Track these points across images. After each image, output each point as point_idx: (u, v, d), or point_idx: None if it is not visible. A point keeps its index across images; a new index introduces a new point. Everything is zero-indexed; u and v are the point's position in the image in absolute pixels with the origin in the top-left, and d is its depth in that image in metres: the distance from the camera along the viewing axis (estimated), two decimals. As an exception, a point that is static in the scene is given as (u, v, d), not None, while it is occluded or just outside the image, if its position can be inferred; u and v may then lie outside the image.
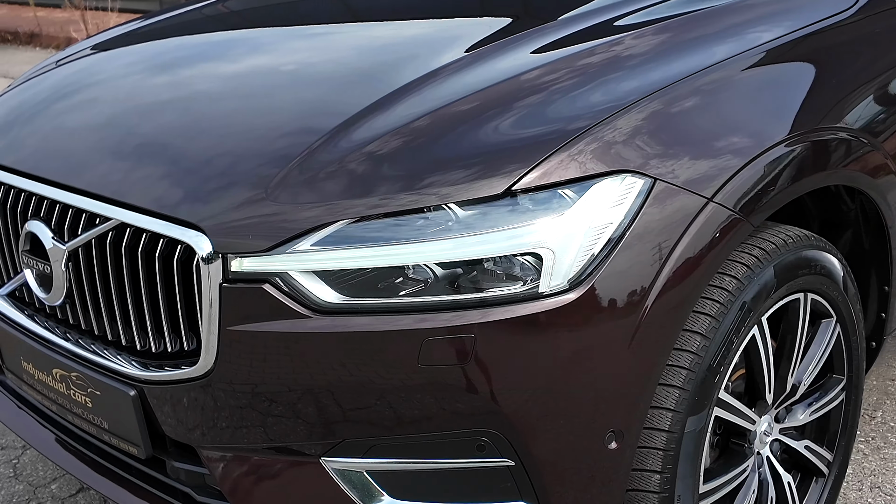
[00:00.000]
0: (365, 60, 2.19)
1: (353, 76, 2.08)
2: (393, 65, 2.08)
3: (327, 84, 2.08)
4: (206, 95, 2.13)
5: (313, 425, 1.70)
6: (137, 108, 2.13)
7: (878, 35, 2.27)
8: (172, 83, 2.24)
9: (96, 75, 2.42)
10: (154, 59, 2.49)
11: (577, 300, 1.62)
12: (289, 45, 2.48)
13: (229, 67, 2.30)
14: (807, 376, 2.11)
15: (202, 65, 2.37)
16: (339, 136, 1.76)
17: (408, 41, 2.34)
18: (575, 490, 1.72)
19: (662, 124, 1.79)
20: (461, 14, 2.60)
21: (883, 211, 2.19)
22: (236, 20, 2.84)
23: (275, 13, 2.85)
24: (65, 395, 2.01)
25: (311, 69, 2.19)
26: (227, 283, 1.66)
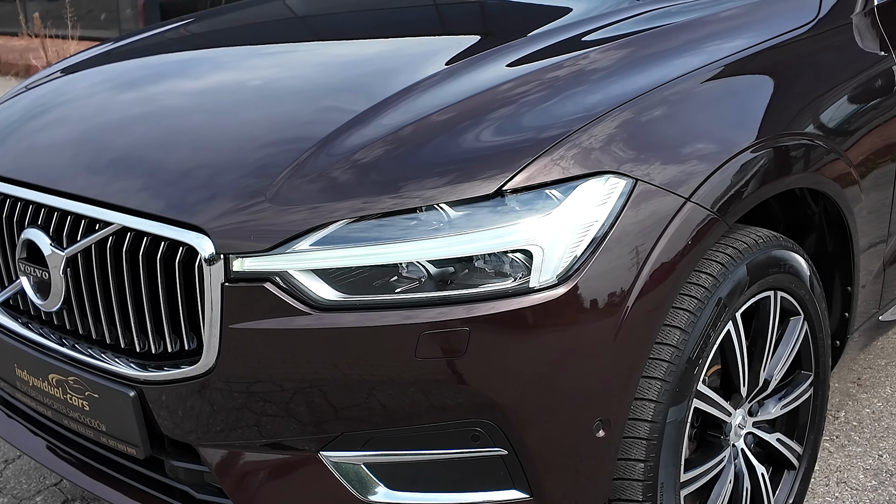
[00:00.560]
0: (352, 73, 2.27)
1: (342, 88, 2.17)
2: (379, 77, 2.17)
3: (319, 95, 2.16)
4: (205, 106, 2.20)
5: (312, 419, 1.76)
6: (135, 117, 2.19)
7: (833, 49, 2.39)
8: (168, 93, 2.32)
9: (88, 88, 2.48)
10: (148, 70, 2.56)
11: (565, 294, 1.71)
12: (280, 60, 2.56)
13: (226, 80, 2.37)
14: (777, 371, 2.21)
15: (199, 77, 2.45)
16: (334, 142, 1.84)
17: (391, 56, 2.43)
18: (565, 477, 1.80)
19: (640, 130, 1.88)
20: (434, 33, 2.70)
21: (845, 214, 2.30)
22: (221, 39, 2.91)
23: (260, 34, 2.92)
24: (61, 399, 2.05)
25: (303, 82, 2.27)
26: (229, 283, 1.72)
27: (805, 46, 2.34)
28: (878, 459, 2.80)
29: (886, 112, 2.43)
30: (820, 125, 2.23)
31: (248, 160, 1.87)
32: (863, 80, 2.41)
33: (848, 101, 2.36)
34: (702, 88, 2.05)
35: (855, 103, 2.34)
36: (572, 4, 2.64)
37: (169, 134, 2.08)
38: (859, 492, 2.65)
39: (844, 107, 2.34)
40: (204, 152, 1.94)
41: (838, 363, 2.55)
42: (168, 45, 2.86)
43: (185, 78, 2.46)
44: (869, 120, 2.39)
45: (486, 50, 2.22)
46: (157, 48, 2.82)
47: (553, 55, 2.13)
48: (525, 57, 2.15)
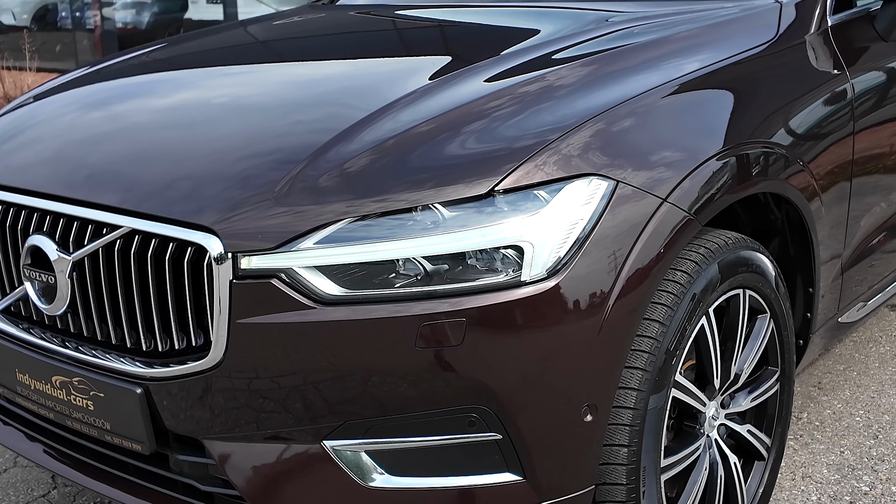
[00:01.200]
0: (347, 87, 2.40)
1: (338, 100, 2.29)
2: (371, 90, 2.30)
3: (316, 106, 2.27)
4: (206, 117, 2.31)
5: (316, 409, 1.85)
6: (139, 127, 2.29)
7: (791, 66, 2.55)
8: (170, 106, 2.42)
9: (87, 101, 2.58)
10: (147, 84, 2.67)
11: (555, 287, 1.83)
12: (274, 78, 2.69)
13: (223, 95, 2.48)
14: (747, 365, 2.34)
15: (197, 91, 2.55)
16: (335, 147, 1.95)
17: (377, 73, 2.56)
18: (555, 460, 1.91)
19: (618, 137, 2.02)
20: (412, 53, 2.83)
21: (806, 218, 2.45)
22: (211, 58, 3.02)
23: (249, 54, 3.03)
24: (64, 401, 2.12)
25: (299, 95, 2.39)
26: (237, 280, 1.82)
27: (767, 62, 2.49)
28: (840, 455, 2.95)
29: (839, 121, 2.59)
30: (782, 135, 2.38)
31: (252, 165, 1.97)
32: (818, 96, 2.57)
33: (805, 114, 2.51)
34: (672, 100, 2.19)
35: (811, 116, 2.50)
36: (540, 27, 2.78)
37: (174, 142, 2.18)
38: (823, 485, 2.79)
39: (803, 119, 2.50)
40: (210, 159, 2.05)
41: (801, 363, 2.69)
42: (160, 64, 2.96)
43: (184, 91, 2.57)
44: (825, 132, 2.55)
45: (463, 67, 2.34)
46: (150, 66, 2.92)
47: (527, 71, 2.26)
48: (501, 73, 2.27)
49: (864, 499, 2.72)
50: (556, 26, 2.74)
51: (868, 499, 2.72)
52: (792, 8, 2.65)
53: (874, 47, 2.84)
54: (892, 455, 2.94)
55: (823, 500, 2.72)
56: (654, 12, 2.68)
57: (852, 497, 2.73)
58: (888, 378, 3.46)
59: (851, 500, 2.71)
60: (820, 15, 2.68)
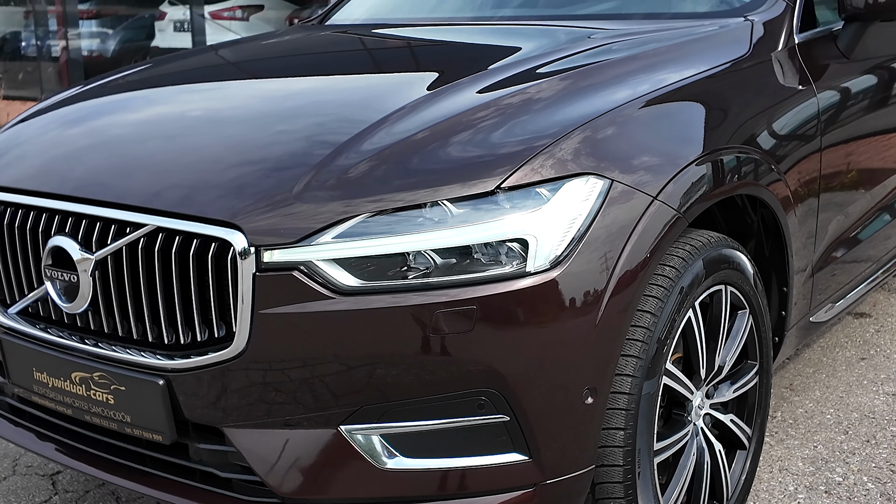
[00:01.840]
0: (354, 96, 2.55)
1: (348, 106, 2.42)
2: (376, 98, 2.43)
3: (330, 111, 2.41)
4: (226, 119, 2.44)
5: (334, 395, 1.97)
6: (157, 131, 2.41)
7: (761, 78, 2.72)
8: (187, 111, 2.54)
9: (99, 108, 2.69)
10: (162, 92, 2.78)
11: (557, 277, 1.96)
12: (287, 87, 2.83)
13: (236, 100, 2.60)
14: (729, 358, 2.49)
15: (211, 97, 2.68)
16: (351, 148, 2.07)
17: (381, 85, 2.71)
18: (559, 441, 2.03)
19: (611, 141, 2.16)
20: (404, 70, 2.96)
21: (781, 221, 2.61)
22: (219, 69, 3.15)
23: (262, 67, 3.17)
24: (84, 396, 2.21)
25: (309, 102, 2.52)
26: (260, 273, 1.93)
27: (742, 74, 2.66)
28: (814, 450, 3.10)
29: (809, 129, 2.77)
30: (756, 142, 2.54)
31: (272, 166, 2.10)
32: (788, 107, 2.74)
33: (777, 122, 2.68)
34: (657, 108, 2.34)
35: (782, 125, 2.67)
36: (520, 45, 2.94)
37: (194, 146, 2.29)
38: (800, 476, 2.94)
39: (775, 127, 2.66)
40: (230, 161, 2.16)
41: (777, 359, 2.85)
42: (168, 77, 3.08)
43: (197, 100, 2.69)
44: (795, 139, 2.72)
45: (458, 80, 2.47)
46: (158, 78, 3.03)
47: (517, 83, 2.39)
48: (492, 85, 2.41)
49: (838, 488, 2.87)
50: (535, 44, 2.90)
51: (842, 488, 2.87)
52: (761, 26, 2.82)
53: (837, 64, 3.03)
54: (862, 448, 3.10)
55: (800, 490, 2.86)
56: (634, 30, 2.84)
57: (827, 486, 2.88)
58: (855, 379, 3.63)
59: (826, 490, 2.86)
60: (787, 33, 2.86)
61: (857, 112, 3.10)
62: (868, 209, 3.24)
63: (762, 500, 2.81)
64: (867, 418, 3.32)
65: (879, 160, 3.30)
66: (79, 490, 3.04)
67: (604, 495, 2.17)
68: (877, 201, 3.31)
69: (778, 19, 2.86)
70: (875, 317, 4.29)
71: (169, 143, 2.33)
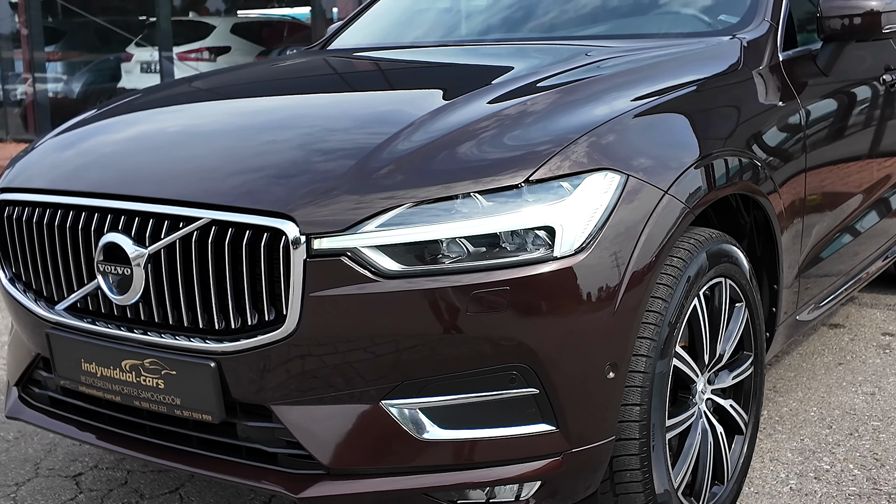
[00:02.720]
0: (386, 103, 2.75)
1: (381, 111, 2.62)
2: (403, 106, 2.63)
3: (365, 115, 2.61)
4: (264, 122, 2.61)
5: (377, 371, 2.13)
6: (204, 133, 2.60)
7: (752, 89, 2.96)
8: (223, 116, 2.75)
9: (142, 116, 2.86)
10: (203, 102, 2.95)
11: (581, 262, 2.15)
12: (323, 98, 3.03)
13: (282, 105, 2.80)
14: (728, 347, 2.68)
15: (256, 102, 2.87)
16: (390, 145, 2.26)
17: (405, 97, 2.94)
18: (583, 413, 2.21)
19: (625, 141, 2.37)
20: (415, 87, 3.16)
21: (773, 221, 2.83)
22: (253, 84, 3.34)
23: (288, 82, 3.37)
24: (133, 383, 2.36)
25: (346, 107, 2.74)
26: (310, 259, 2.10)
27: (735, 87, 2.90)
28: (801, 442, 3.30)
29: (795, 135, 3.01)
30: (750, 146, 2.77)
31: (318, 162, 2.28)
32: (776, 115, 2.98)
33: (767, 129, 2.91)
34: (664, 113, 2.55)
35: (771, 131, 2.90)
36: (525, 61, 3.15)
37: (242, 146, 2.46)
38: (790, 465, 3.13)
39: (766, 133, 2.90)
40: (279, 159, 2.33)
41: (769, 353, 3.05)
42: (203, 92, 3.26)
43: (239, 107, 2.88)
44: (783, 144, 2.95)
45: (466, 93, 2.65)
46: (196, 92, 3.22)
47: (529, 93, 2.59)
48: (500, 96, 2.59)
49: (826, 475, 3.07)
50: (529, 63, 3.10)
51: (830, 474, 3.07)
52: (748, 44, 3.06)
53: (817, 79, 3.28)
54: (846, 441, 3.30)
55: (791, 476, 3.06)
56: (635, 47, 3.06)
57: (816, 473, 3.07)
58: (834, 381, 3.85)
59: (816, 476, 3.06)
60: (771, 50, 3.11)
61: (837, 122, 3.35)
62: (846, 215, 3.48)
63: (756, 486, 2.99)
64: (849, 414, 3.53)
65: (857, 167, 3.56)
66: (102, 489, 3.16)
67: (621, 467, 2.34)
68: (853, 209, 3.56)
69: (763, 38, 3.10)
70: (849, 327, 4.53)
71: (213, 146, 2.50)
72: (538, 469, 2.20)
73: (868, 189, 3.69)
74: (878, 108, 3.74)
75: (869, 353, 4.16)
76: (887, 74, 3.84)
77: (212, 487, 3.13)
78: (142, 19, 14.78)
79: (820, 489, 2.97)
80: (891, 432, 3.37)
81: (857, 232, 3.63)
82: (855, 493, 2.95)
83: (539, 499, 2.24)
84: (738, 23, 3.21)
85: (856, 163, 3.54)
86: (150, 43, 13.77)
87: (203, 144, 2.54)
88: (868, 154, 3.64)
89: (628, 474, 2.35)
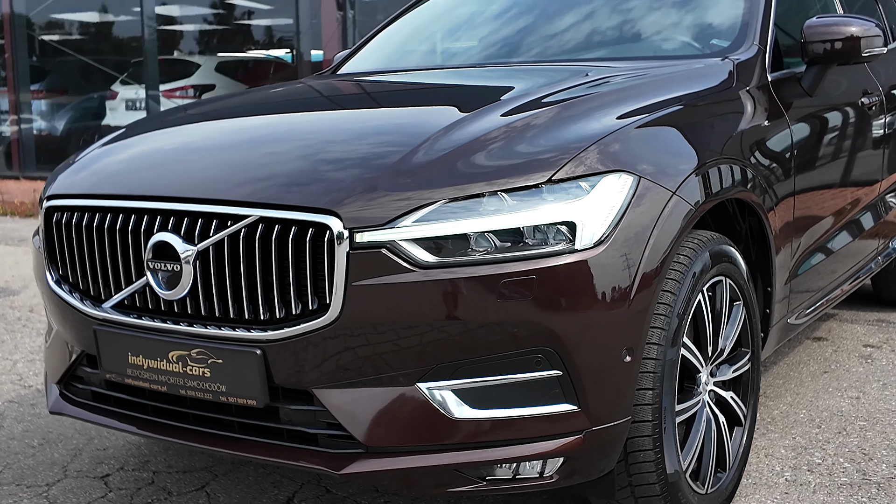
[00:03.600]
0: (407, 115, 2.95)
1: (405, 122, 2.85)
2: (426, 118, 2.85)
3: (394, 124, 2.83)
4: (301, 130, 2.83)
5: (414, 354, 2.32)
6: (248, 140, 2.79)
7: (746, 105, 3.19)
8: (261, 126, 2.97)
9: (185, 127, 3.06)
10: (229, 115, 3.18)
11: (599, 254, 2.36)
12: (354, 110, 3.28)
13: (318, 114, 3.00)
14: (728, 342, 2.89)
15: (281, 115, 3.08)
16: (421, 150, 2.46)
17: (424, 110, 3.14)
18: (602, 393, 2.40)
19: (637, 147, 2.58)
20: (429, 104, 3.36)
21: (767, 226, 3.05)
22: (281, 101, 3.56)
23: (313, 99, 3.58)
24: (180, 373, 2.52)
25: (376, 118, 2.97)
26: (353, 251, 2.29)
27: (731, 103, 3.14)
28: (794, 440, 3.50)
29: (784, 147, 3.24)
30: (746, 155, 3.00)
31: (358, 164, 2.48)
32: (768, 129, 3.22)
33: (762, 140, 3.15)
34: (668, 123, 2.77)
35: (764, 142, 3.14)
36: (513, 84, 3.37)
37: (279, 150, 2.67)
38: (783, 460, 3.33)
39: (761, 143, 3.13)
40: (320, 161, 2.53)
41: (764, 352, 3.26)
42: (238, 108, 3.47)
43: (267, 120, 3.10)
44: (775, 156, 3.18)
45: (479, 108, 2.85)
46: (232, 106, 3.43)
47: (534, 108, 2.79)
48: (511, 110, 2.79)
49: (818, 467, 3.26)
50: (527, 84, 3.32)
51: (822, 467, 3.27)
52: (739, 65, 3.31)
53: (803, 99, 3.53)
54: (835, 438, 3.51)
55: (786, 469, 3.25)
56: (635, 66, 3.30)
57: (809, 466, 3.27)
58: (821, 387, 4.06)
59: (809, 469, 3.25)
60: (761, 71, 3.36)
61: (821, 135, 3.60)
62: (831, 225, 3.73)
63: (754, 479, 3.19)
64: (836, 416, 3.73)
65: (841, 175, 3.83)
66: (131, 487, 3.30)
67: (635, 448, 2.53)
68: (840, 217, 3.81)
69: (752, 59, 3.34)
70: (831, 340, 4.75)
71: (256, 151, 2.69)
72: (561, 446, 2.38)
73: (851, 203, 3.93)
74: (857, 125, 4.01)
75: (852, 363, 4.38)
76: (865, 98, 4.10)
77: (237, 484, 3.29)
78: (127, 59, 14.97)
79: (813, 480, 3.17)
80: (877, 430, 3.57)
81: (842, 243, 3.87)
82: (846, 482, 3.15)
83: (561, 475, 2.42)
84: (728, 46, 3.45)
85: (841, 173, 3.81)
86: (135, 81, 13.95)
87: (246, 150, 2.73)
88: (850, 167, 3.91)
89: (642, 454, 2.53)
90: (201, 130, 3.08)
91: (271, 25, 15.67)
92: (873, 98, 4.20)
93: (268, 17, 15.70)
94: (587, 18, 3.92)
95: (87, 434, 3.79)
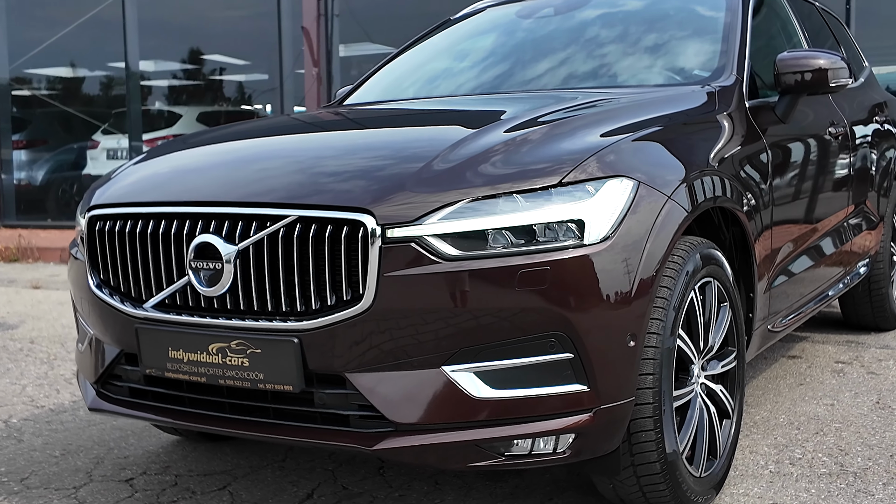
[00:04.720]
0: (422, 132, 3.24)
1: (422, 136, 3.14)
2: (440, 133, 3.15)
3: (414, 137, 3.13)
4: (327, 143, 3.12)
5: (439, 339, 2.56)
6: (275, 151, 3.08)
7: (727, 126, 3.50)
8: (290, 140, 3.24)
9: (223, 139, 3.33)
10: (258, 134, 3.46)
11: (606, 248, 2.62)
12: (378, 130, 3.55)
13: (343, 136, 3.28)
14: (717, 339, 3.16)
15: (307, 134, 3.35)
16: (441, 157, 2.72)
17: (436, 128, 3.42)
18: (610, 374, 2.65)
19: (634, 156, 2.87)
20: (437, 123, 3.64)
21: (749, 234, 3.34)
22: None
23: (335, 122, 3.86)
24: (219, 364, 2.74)
25: (396, 133, 3.24)
26: (385, 245, 2.55)
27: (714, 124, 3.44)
28: (775, 439, 3.76)
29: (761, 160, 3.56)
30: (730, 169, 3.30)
31: (388, 168, 2.74)
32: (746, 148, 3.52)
33: (741, 158, 3.45)
34: (659, 138, 3.06)
35: (744, 160, 3.45)
36: (505, 108, 3.66)
37: (310, 157, 2.95)
38: (767, 456, 3.59)
39: (742, 160, 3.43)
40: (352, 165, 2.81)
41: (748, 353, 3.53)
42: (264, 128, 3.74)
43: (293, 140, 3.39)
44: (754, 170, 3.48)
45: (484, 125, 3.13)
46: (251, 129, 3.68)
47: (532, 126, 3.06)
48: (513, 126, 3.06)
49: (800, 461, 3.52)
50: (517, 108, 3.61)
51: (803, 461, 3.52)
52: (720, 91, 3.63)
53: (777, 126, 3.85)
54: (814, 438, 3.77)
55: (769, 463, 3.51)
56: (624, 92, 3.61)
57: (791, 460, 3.53)
58: (798, 397, 4.33)
59: (791, 462, 3.51)
60: (738, 97, 3.67)
61: (794, 157, 3.93)
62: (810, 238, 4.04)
63: (741, 470, 3.44)
64: (813, 420, 4.00)
65: (812, 190, 4.15)
66: (156, 488, 3.49)
67: (637, 429, 2.77)
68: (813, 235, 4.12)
69: (731, 87, 3.66)
70: (805, 358, 5.04)
71: (289, 160, 2.96)
72: (574, 423, 2.62)
73: (822, 223, 4.25)
74: (826, 150, 4.36)
75: (825, 377, 4.66)
76: (832, 127, 4.45)
77: (257, 484, 3.49)
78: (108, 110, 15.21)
79: (795, 471, 3.42)
80: (851, 430, 3.85)
81: (820, 254, 4.18)
82: (825, 472, 3.41)
83: (573, 451, 2.66)
84: (709, 76, 3.77)
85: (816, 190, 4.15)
86: (117, 130, 14.18)
87: (279, 160, 2.99)
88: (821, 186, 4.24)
89: (643, 434, 2.78)
90: (236, 145, 3.34)
91: (252, 80, 16.05)
92: (839, 128, 4.54)
93: (247, 71, 16.08)
94: (577, 53, 4.24)
95: (107, 445, 3.98)
